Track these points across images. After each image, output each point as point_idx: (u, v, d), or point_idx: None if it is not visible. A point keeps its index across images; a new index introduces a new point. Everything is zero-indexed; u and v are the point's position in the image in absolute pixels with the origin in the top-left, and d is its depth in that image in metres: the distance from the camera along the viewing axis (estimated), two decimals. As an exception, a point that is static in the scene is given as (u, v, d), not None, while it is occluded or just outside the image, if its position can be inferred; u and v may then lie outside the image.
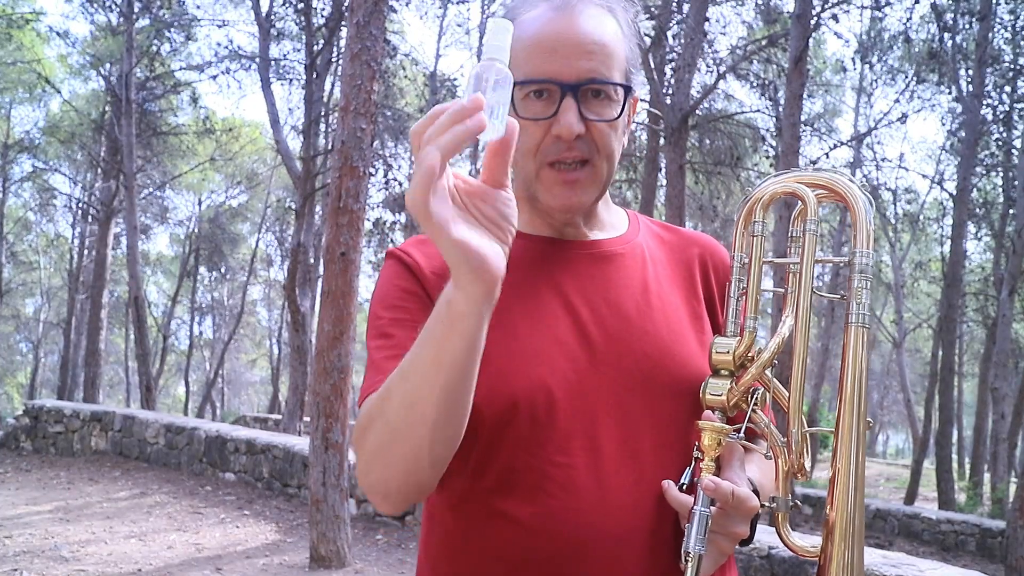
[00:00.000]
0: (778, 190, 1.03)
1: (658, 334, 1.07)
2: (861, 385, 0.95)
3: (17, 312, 31.79)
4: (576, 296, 1.08)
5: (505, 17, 1.08)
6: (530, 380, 1.01)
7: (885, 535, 10.68)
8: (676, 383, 1.05)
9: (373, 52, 6.01)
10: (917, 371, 30.81)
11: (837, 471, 0.93)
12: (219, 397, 31.97)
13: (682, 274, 1.16)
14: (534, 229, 1.13)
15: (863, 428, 0.94)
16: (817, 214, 0.99)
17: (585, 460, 1.00)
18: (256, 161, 26.35)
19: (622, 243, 1.15)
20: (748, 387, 1.01)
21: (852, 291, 0.96)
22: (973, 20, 15.47)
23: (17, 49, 19.86)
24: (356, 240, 6.08)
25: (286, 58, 15.16)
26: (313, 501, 6.04)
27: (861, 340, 0.95)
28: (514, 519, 1.00)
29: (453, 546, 1.07)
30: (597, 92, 1.04)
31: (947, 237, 18.60)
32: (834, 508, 0.93)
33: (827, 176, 1.01)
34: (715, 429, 0.98)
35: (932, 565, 4.40)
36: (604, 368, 1.04)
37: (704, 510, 0.95)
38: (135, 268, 15.35)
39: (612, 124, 1.05)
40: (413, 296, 1.07)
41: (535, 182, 1.07)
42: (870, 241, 0.97)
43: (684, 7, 11.63)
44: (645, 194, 12.35)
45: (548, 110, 1.03)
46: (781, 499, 0.99)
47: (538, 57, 1.03)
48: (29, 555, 6.04)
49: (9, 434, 11.47)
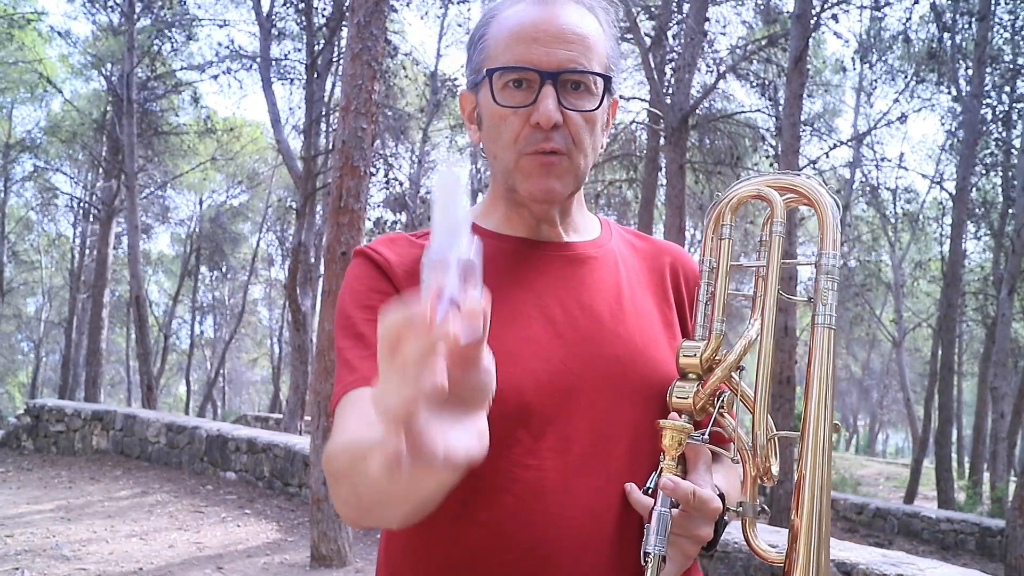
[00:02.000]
0: (745, 194, 1.02)
1: (631, 338, 1.07)
2: (827, 387, 0.93)
3: (18, 311, 31.81)
4: (550, 297, 1.07)
5: (488, 12, 1.09)
6: (501, 380, 0.94)
7: (885, 534, 10.68)
8: (647, 386, 1.04)
9: (374, 52, 6.03)
10: (917, 370, 30.78)
11: (803, 475, 0.92)
12: (220, 396, 31.97)
13: (655, 281, 1.16)
14: (510, 229, 1.12)
15: (829, 431, 0.93)
16: (783, 217, 0.99)
17: (554, 462, 0.99)
18: (257, 161, 26.35)
19: (596, 247, 1.14)
20: (714, 390, 1.00)
21: (819, 292, 0.95)
22: (972, 20, 15.46)
23: (19, 49, 19.87)
24: (357, 240, 6.09)
25: (287, 58, 15.16)
26: (314, 500, 6.06)
27: (827, 341, 0.94)
28: (476, 522, 0.99)
29: (415, 551, 1.04)
30: (576, 84, 1.03)
31: (947, 236, 18.58)
32: (799, 513, 0.91)
33: (792, 180, 1.01)
34: (676, 428, 0.97)
35: (932, 564, 4.41)
36: (576, 369, 1.03)
37: (664, 510, 0.94)
38: (136, 267, 15.36)
39: (589, 117, 1.05)
40: (384, 295, 1.05)
41: (514, 172, 1.06)
42: (837, 243, 0.97)
43: (684, 7, 11.64)
44: (645, 194, 12.36)
45: (527, 98, 1.02)
46: (749, 504, 0.98)
47: (518, 46, 1.03)
48: (30, 554, 6.06)
49: (11, 433, 11.48)
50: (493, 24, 1.08)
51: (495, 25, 1.07)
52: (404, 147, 17.66)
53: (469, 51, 1.11)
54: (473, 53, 1.10)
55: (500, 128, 1.05)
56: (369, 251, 1.10)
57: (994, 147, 16.46)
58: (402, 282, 1.06)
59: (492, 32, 1.07)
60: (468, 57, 1.12)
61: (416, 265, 0.95)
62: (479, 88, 1.08)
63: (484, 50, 1.08)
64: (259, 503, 8.29)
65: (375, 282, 1.07)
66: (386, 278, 1.07)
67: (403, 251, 1.09)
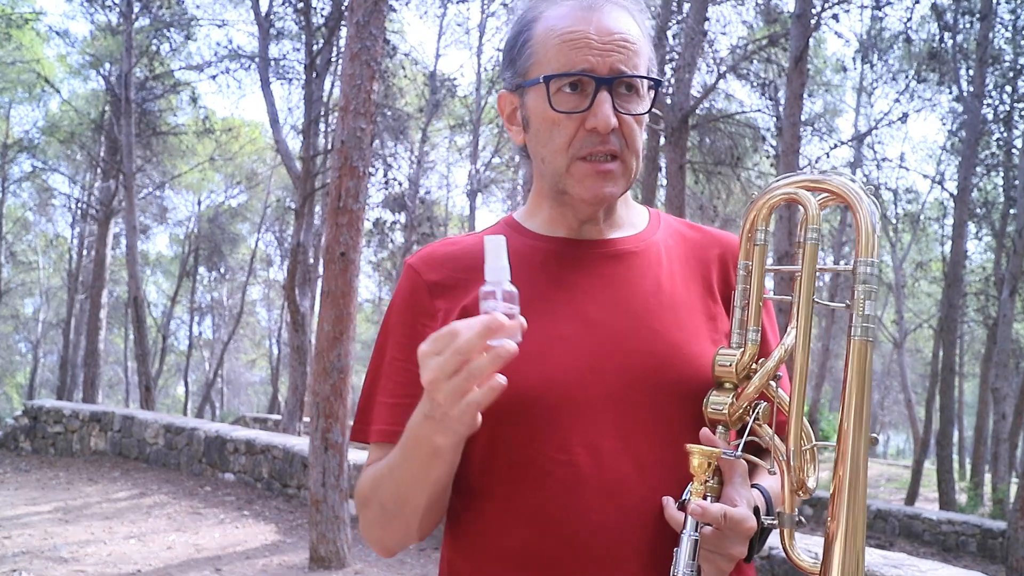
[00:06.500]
0: (780, 195, 1.00)
1: (668, 333, 1.07)
2: (864, 399, 0.91)
3: (16, 312, 31.82)
4: (585, 295, 1.09)
5: (527, 14, 1.10)
6: (533, 377, 1.02)
7: (886, 535, 10.67)
8: (683, 382, 1.04)
9: (373, 52, 6.00)
10: (918, 371, 30.83)
11: (839, 484, 0.91)
12: (218, 397, 31.99)
13: (701, 273, 1.15)
14: (551, 230, 1.15)
15: (866, 443, 0.91)
16: (818, 221, 0.96)
17: (585, 458, 1.01)
18: (256, 161, 26.34)
19: (637, 241, 1.15)
20: (751, 400, 0.99)
21: (854, 301, 0.91)
22: (973, 20, 15.47)
23: (17, 49, 19.87)
24: (356, 240, 6.07)
25: (286, 58, 15.16)
26: (313, 502, 6.04)
27: (865, 354, 0.91)
28: (517, 514, 1.03)
29: (469, 544, 1.09)
30: (628, 87, 1.06)
31: (948, 237, 18.61)
32: (835, 520, 0.90)
33: (828, 180, 0.98)
34: (704, 453, 0.96)
35: (933, 566, 4.39)
36: (609, 366, 1.04)
37: (694, 535, 0.94)
38: (134, 268, 15.35)
39: (639, 119, 1.08)
40: (421, 312, 1.13)
41: (565, 176, 1.08)
42: (875, 249, 0.92)
43: (684, 7, 11.62)
44: (645, 194, 12.32)
45: (583, 103, 1.04)
46: (787, 516, 0.96)
47: (572, 51, 1.04)
48: (28, 555, 6.03)
49: (8, 434, 11.45)
50: (538, 26, 1.09)
51: (541, 28, 1.08)
52: (403, 147, 17.63)
53: (510, 52, 1.13)
54: (517, 55, 1.11)
55: (552, 132, 1.07)
56: (412, 268, 1.16)
57: (995, 147, 16.47)
58: (437, 295, 1.13)
59: (539, 35, 1.08)
60: (509, 59, 1.13)
61: (453, 278, 1.11)
62: (525, 91, 1.10)
63: (532, 54, 1.09)
64: (258, 504, 8.26)
65: (414, 298, 1.14)
66: (425, 294, 1.13)
67: (441, 263, 1.15)
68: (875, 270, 0.92)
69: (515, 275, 0.90)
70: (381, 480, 1.05)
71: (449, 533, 1.13)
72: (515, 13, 1.16)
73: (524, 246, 1.12)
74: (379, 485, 1.05)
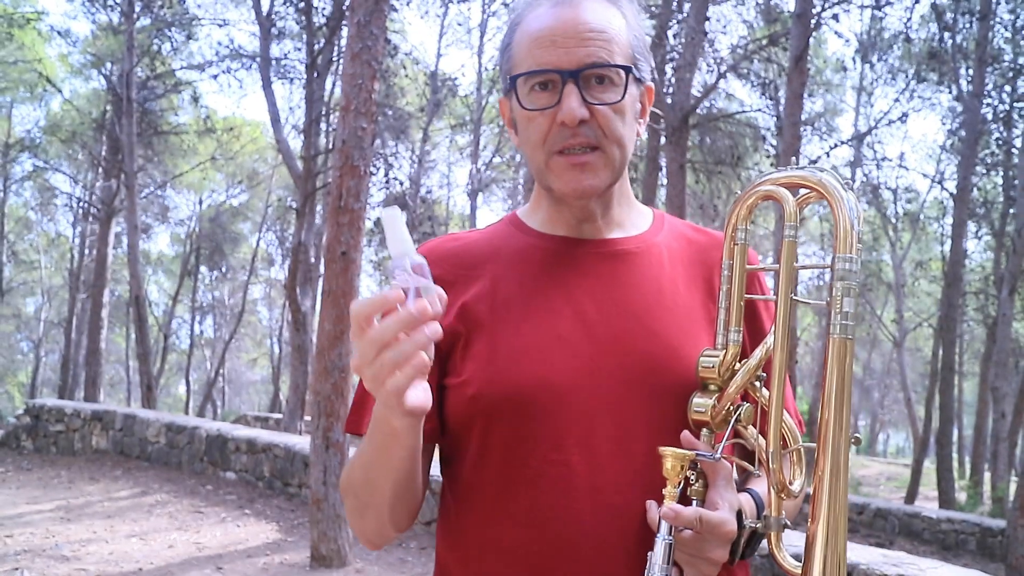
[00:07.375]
0: (759, 194, 0.97)
1: (666, 334, 1.06)
2: (844, 398, 0.89)
3: (18, 311, 31.83)
4: (584, 294, 1.08)
5: (513, 20, 1.12)
6: (529, 376, 1.02)
7: (885, 534, 10.67)
8: (680, 384, 1.03)
9: (374, 51, 6.01)
10: (918, 370, 30.81)
11: (819, 485, 0.89)
12: (220, 396, 31.97)
13: (703, 276, 1.14)
14: (551, 228, 1.15)
15: (847, 443, 0.89)
16: (796, 218, 0.94)
17: (579, 458, 1.01)
18: (257, 160, 26.35)
19: (638, 242, 1.14)
20: (733, 401, 0.98)
21: (833, 299, 0.89)
22: (973, 19, 15.45)
23: (18, 48, 19.88)
24: (357, 239, 6.08)
25: (287, 57, 15.14)
26: (314, 500, 6.05)
27: (844, 352, 0.89)
28: (509, 514, 1.03)
29: (463, 540, 1.09)
30: (600, 78, 1.05)
31: (947, 236, 18.59)
32: (815, 521, 0.89)
33: (805, 175, 0.94)
34: (677, 455, 0.94)
35: (932, 564, 4.40)
36: (605, 366, 1.04)
37: (667, 538, 0.93)
38: (136, 267, 15.35)
39: (616, 108, 1.06)
40: None
41: (546, 171, 1.08)
42: (854, 245, 0.89)
43: (684, 6, 11.62)
44: (645, 193, 12.33)
45: (552, 99, 1.05)
46: (773, 519, 0.94)
47: (539, 49, 1.05)
48: (30, 554, 6.05)
49: (10, 433, 11.48)
50: (517, 31, 1.11)
51: (519, 32, 1.10)
52: (404, 147, 17.63)
53: (500, 58, 1.15)
54: (503, 61, 1.13)
55: (529, 130, 1.08)
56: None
57: (995, 147, 16.46)
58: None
59: (516, 39, 1.10)
60: (500, 65, 1.16)
61: (450, 273, 1.11)
62: (511, 94, 1.11)
63: (510, 58, 1.11)
64: (259, 503, 8.28)
65: None
66: None
67: (443, 257, 1.14)
68: (855, 266, 0.89)
69: (515, 273, 0.89)
70: (355, 467, 1.06)
71: (442, 530, 1.13)
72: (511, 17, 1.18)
73: (524, 244, 1.13)
74: (353, 472, 1.07)
